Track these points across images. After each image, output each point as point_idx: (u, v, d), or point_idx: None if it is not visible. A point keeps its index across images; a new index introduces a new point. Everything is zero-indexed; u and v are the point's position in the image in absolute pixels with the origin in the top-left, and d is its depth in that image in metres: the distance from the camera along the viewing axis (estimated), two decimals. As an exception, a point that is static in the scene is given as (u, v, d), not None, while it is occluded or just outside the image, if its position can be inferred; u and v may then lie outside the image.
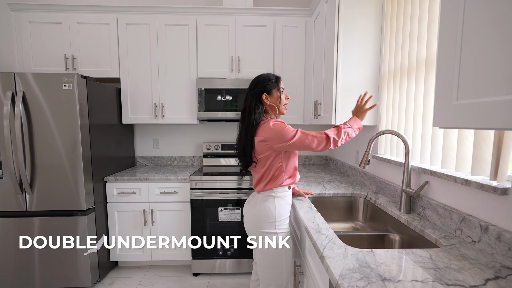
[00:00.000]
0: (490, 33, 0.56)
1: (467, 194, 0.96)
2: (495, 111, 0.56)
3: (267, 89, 1.27)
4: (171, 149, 2.70)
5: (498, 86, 0.56)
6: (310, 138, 1.19)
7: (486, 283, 0.70)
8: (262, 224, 1.25)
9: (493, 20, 0.56)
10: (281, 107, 1.32)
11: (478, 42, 0.59)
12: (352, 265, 0.78)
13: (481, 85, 0.60)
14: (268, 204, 1.25)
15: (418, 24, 1.25)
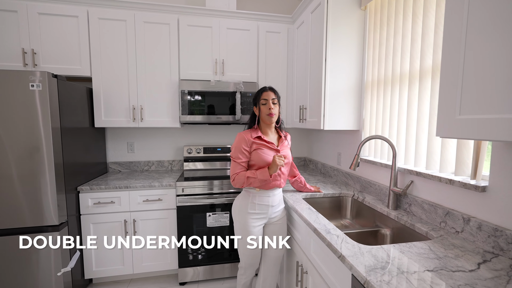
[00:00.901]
0: (489, 60, 0.68)
1: (450, 192, 1.12)
2: (495, 126, 0.68)
3: (255, 102, 1.48)
4: (148, 153, 2.55)
5: (499, 106, 0.68)
6: (232, 170, 1.45)
7: (479, 267, 0.84)
8: (233, 209, 1.54)
9: (492, 50, 0.68)
10: (262, 117, 1.45)
11: (480, 66, 0.71)
12: (371, 262, 0.86)
13: (482, 104, 0.72)
14: (238, 197, 1.54)
15: (401, 41, 1.41)
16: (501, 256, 0.90)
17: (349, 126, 1.82)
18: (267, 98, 1.43)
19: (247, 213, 1.45)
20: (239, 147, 1.41)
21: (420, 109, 1.29)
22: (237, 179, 1.40)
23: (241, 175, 1.39)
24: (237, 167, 1.41)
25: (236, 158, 1.41)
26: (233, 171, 1.42)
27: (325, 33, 1.71)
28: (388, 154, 1.54)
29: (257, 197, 1.45)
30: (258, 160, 1.40)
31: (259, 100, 1.45)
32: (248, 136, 1.42)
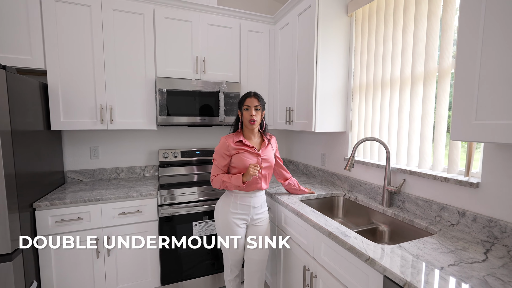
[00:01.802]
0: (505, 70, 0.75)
1: (445, 188, 1.24)
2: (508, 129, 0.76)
3: (240, 106, 1.50)
4: (116, 159, 2.26)
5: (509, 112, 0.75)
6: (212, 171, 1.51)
7: (487, 256, 0.93)
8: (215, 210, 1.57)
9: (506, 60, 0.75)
10: (244, 122, 1.48)
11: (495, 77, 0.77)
12: (399, 262, 0.89)
13: (496, 110, 0.79)
14: (221, 197, 1.58)
15: (391, 49, 1.50)
16: (497, 244, 1.02)
17: (337, 128, 1.88)
18: (249, 105, 1.45)
19: (230, 212, 1.48)
20: (220, 151, 1.46)
21: (412, 113, 1.40)
22: (215, 180, 1.48)
23: (218, 178, 1.46)
24: (216, 169, 1.49)
25: (215, 161, 1.49)
26: (212, 173, 1.50)
27: (316, 36, 1.73)
28: (379, 154, 1.63)
29: (239, 198, 1.49)
30: (238, 164, 1.44)
31: (242, 105, 1.48)
32: (229, 141, 1.45)
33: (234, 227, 1.48)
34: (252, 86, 2.32)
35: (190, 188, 1.89)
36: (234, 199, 1.49)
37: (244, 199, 1.48)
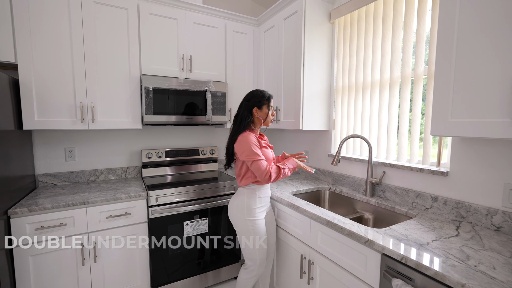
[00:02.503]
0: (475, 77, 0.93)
1: (420, 178, 1.43)
2: (476, 126, 0.93)
3: (259, 104, 1.49)
4: (95, 160, 2.13)
5: (481, 112, 0.93)
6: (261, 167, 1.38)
7: (459, 232, 1.12)
8: (237, 212, 1.51)
9: (477, 68, 0.93)
10: (267, 121, 1.53)
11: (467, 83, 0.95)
12: (394, 241, 1.03)
13: (467, 110, 0.97)
14: (241, 197, 1.51)
15: (371, 55, 1.68)
16: (463, 222, 1.22)
17: (321, 127, 2.02)
18: (272, 105, 1.54)
19: (256, 208, 1.48)
20: (253, 145, 1.40)
21: (390, 112, 1.58)
22: (272, 172, 1.39)
23: (274, 168, 1.41)
24: (263, 162, 1.39)
25: (257, 156, 1.39)
26: (262, 168, 1.37)
27: (303, 40, 1.85)
28: (361, 150, 1.80)
29: (262, 191, 1.51)
30: (265, 157, 1.46)
31: (267, 104, 1.51)
32: (253, 135, 1.45)
33: (262, 223, 1.50)
34: (237, 86, 2.37)
35: (180, 187, 1.87)
36: (258, 193, 1.49)
37: (266, 190, 1.53)
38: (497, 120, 0.90)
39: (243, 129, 1.47)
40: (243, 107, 1.50)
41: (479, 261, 0.88)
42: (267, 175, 1.37)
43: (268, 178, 1.38)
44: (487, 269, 0.83)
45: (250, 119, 1.49)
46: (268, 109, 1.51)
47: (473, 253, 0.93)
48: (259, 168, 1.37)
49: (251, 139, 1.41)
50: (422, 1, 1.38)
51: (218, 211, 2.00)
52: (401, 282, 0.91)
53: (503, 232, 1.11)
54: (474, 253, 0.93)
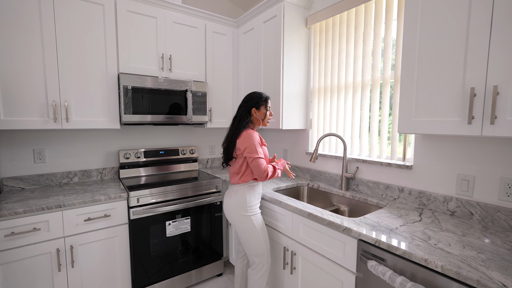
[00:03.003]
0: (434, 83, 1.07)
1: (389, 172, 1.59)
2: (434, 125, 1.08)
3: (257, 104, 1.55)
4: (67, 162, 2.03)
5: (439, 112, 1.08)
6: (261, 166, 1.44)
7: (421, 217, 1.27)
8: (237, 209, 1.52)
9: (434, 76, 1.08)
10: (265, 121, 1.60)
11: (427, 89, 1.10)
12: (368, 228, 1.14)
13: (427, 111, 1.11)
14: (241, 194, 1.52)
15: (345, 59, 1.81)
16: (425, 209, 1.39)
17: (299, 126, 2.13)
18: (270, 106, 1.61)
19: (255, 204, 1.55)
20: (256, 143, 1.47)
21: (362, 112, 1.73)
22: (269, 171, 1.47)
23: (270, 168, 1.49)
24: (263, 161, 1.46)
25: (259, 153, 1.45)
26: (262, 166, 1.44)
27: (282, 43, 1.94)
28: (336, 147, 1.94)
29: (259, 187, 1.59)
30: (264, 156, 1.52)
31: (264, 104, 1.57)
32: (255, 133, 1.52)
33: (261, 217, 1.57)
34: (218, 86, 2.40)
35: (161, 187, 1.85)
36: (256, 189, 1.56)
37: (259, 188, 1.60)
38: (451, 119, 1.05)
39: (243, 128, 1.52)
40: (242, 108, 1.55)
41: (438, 240, 1.02)
42: (265, 173, 1.44)
43: (266, 176, 1.45)
44: (444, 246, 0.97)
45: (249, 119, 1.54)
46: (266, 109, 1.57)
47: (433, 234, 1.08)
48: (258, 166, 1.43)
49: (254, 136, 1.47)
50: (389, 11, 1.53)
51: (201, 210, 2.02)
52: (375, 263, 1.02)
53: (456, 216, 1.29)
54: (434, 234, 1.08)
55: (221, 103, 2.45)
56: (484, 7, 0.95)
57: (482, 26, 0.96)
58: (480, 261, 0.87)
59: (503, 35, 0.91)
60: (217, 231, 2.13)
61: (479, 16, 0.97)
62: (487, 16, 0.95)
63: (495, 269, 0.82)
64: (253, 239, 1.51)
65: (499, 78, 0.92)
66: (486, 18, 0.95)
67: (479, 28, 0.97)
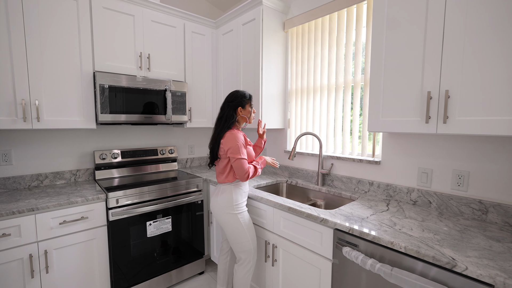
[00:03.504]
0: (397, 86, 1.21)
1: (360, 167, 1.72)
2: (399, 124, 1.22)
3: (242, 103, 1.58)
4: (37, 164, 1.93)
5: (402, 113, 1.22)
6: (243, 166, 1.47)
7: (388, 207, 1.41)
8: (224, 208, 1.55)
9: (397, 80, 1.22)
10: (250, 119, 1.63)
11: (391, 90, 1.23)
12: (343, 218, 1.25)
13: (392, 112, 1.25)
14: (227, 193, 1.56)
15: (320, 63, 1.93)
16: (392, 200, 1.54)
17: (278, 125, 2.22)
18: (253, 103, 1.64)
19: (242, 202, 1.58)
20: (241, 144, 1.49)
21: (336, 113, 1.85)
22: (250, 172, 1.49)
23: (252, 168, 1.52)
24: (246, 162, 1.49)
25: (242, 154, 1.48)
26: (244, 167, 1.47)
27: (261, 46, 2.01)
28: (313, 145, 2.05)
29: (245, 186, 1.62)
30: (249, 155, 1.58)
31: (249, 103, 1.61)
32: (240, 134, 1.56)
33: (248, 214, 1.60)
34: (197, 86, 2.41)
35: (141, 187, 1.83)
36: (243, 188, 1.59)
37: (247, 186, 1.64)
38: (412, 119, 1.19)
39: (228, 128, 1.54)
40: (227, 108, 1.56)
41: (402, 226, 1.15)
42: (246, 174, 1.47)
43: (246, 177, 1.48)
44: (407, 230, 1.10)
45: (235, 118, 1.56)
46: (250, 108, 1.61)
47: (398, 221, 1.21)
48: (241, 167, 1.46)
49: (239, 136, 1.50)
50: (359, 20, 1.67)
51: (182, 209, 2.03)
52: (349, 249, 1.13)
53: (418, 205, 1.45)
54: (398, 221, 1.21)
55: (200, 103, 2.46)
56: (437, 22, 1.10)
57: (436, 39, 1.11)
58: (435, 241, 1.01)
59: (452, 47, 1.06)
60: (198, 230, 2.15)
61: (433, 30, 1.11)
62: (439, 30, 1.09)
63: (447, 247, 0.96)
64: (240, 236, 1.54)
65: (450, 83, 1.07)
66: (439, 32, 1.10)
67: (433, 40, 1.11)
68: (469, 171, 1.28)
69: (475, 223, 1.20)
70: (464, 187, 1.30)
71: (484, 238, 1.04)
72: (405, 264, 0.98)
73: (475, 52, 1.01)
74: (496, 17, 0.96)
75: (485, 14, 0.99)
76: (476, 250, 0.94)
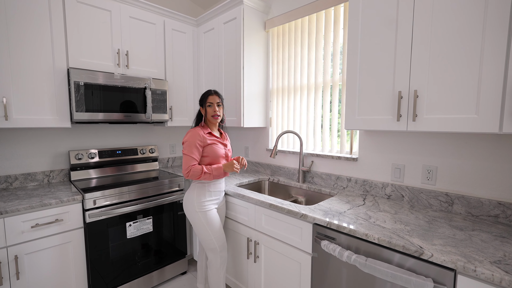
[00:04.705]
0: (370, 85, 1.27)
1: (339, 164, 1.79)
2: (373, 122, 1.29)
3: (201, 103, 1.63)
4: (6, 165, 1.82)
5: (376, 111, 1.28)
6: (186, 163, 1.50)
7: (365, 202, 1.48)
8: (187, 205, 1.60)
9: (371, 80, 1.28)
10: (208, 117, 1.61)
11: (366, 90, 1.29)
12: (321, 213, 1.30)
13: (367, 110, 1.31)
14: (191, 191, 1.61)
15: (300, 63, 1.97)
16: (368, 194, 1.61)
17: (260, 124, 2.24)
18: (212, 102, 1.59)
19: (205, 201, 1.58)
20: (194, 142, 1.52)
21: (316, 111, 1.91)
22: (192, 171, 1.50)
23: (197, 168, 1.50)
24: (191, 160, 1.51)
25: (190, 153, 1.51)
26: (187, 164, 1.51)
27: (242, 45, 2.02)
28: (294, 144, 2.09)
29: (212, 186, 1.61)
30: (211, 153, 1.56)
31: (205, 102, 1.60)
32: (201, 132, 1.54)
33: (214, 214, 1.59)
34: (178, 85, 2.38)
35: (120, 188, 1.79)
36: (207, 187, 1.59)
37: (216, 186, 1.63)
38: (385, 117, 1.26)
39: (194, 126, 1.64)
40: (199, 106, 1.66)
41: (376, 218, 1.22)
42: (185, 171, 1.50)
43: (186, 174, 1.50)
44: (381, 222, 1.16)
45: (201, 117, 1.64)
46: (207, 106, 1.59)
47: (373, 214, 1.27)
48: (184, 163, 1.51)
49: (195, 135, 1.53)
50: (337, 21, 1.73)
51: (163, 209, 2.00)
52: (327, 242, 1.17)
53: (392, 199, 1.53)
54: (373, 214, 1.27)
55: (182, 102, 2.43)
56: (407, 27, 1.16)
57: (405, 42, 1.17)
58: (406, 232, 1.07)
59: (420, 50, 1.13)
60: (180, 229, 2.13)
61: (403, 34, 1.18)
62: (408, 35, 1.16)
63: (416, 237, 1.02)
64: (203, 234, 1.56)
65: (418, 83, 1.14)
66: (408, 36, 1.16)
67: (403, 44, 1.18)
68: (437, 166, 1.37)
69: (442, 214, 1.28)
70: (433, 181, 1.39)
71: (449, 227, 1.12)
72: (379, 254, 1.04)
73: (440, 55, 1.09)
74: (458, 25, 1.04)
75: (448, 21, 1.06)
76: (441, 238, 1.01)
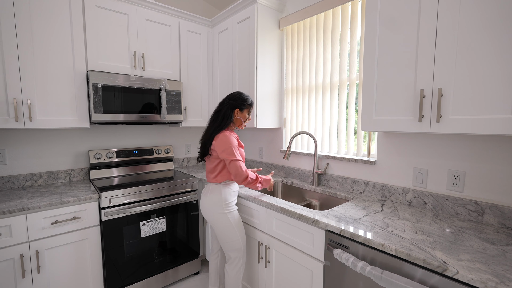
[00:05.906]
0: (391, 84, 1.18)
1: (355, 167, 1.70)
2: (392, 123, 1.19)
3: (242, 106, 1.57)
4: (32, 163, 1.92)
5: (394, 111, 1.19)
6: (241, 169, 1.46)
7: (383, 208, 1.39)
8: (213, 207, 1.55)
9: (391, 79, 1.19)
10: (243, 125, 1.63)
11: (384, 90, 1.20)
12: (335, 219, 1.23)
13: (385, 110, 1.22)
14: (217, 192, 1.55)
15: (315, 61, 1.90)
16: (387, 200, 1.51)
17: (273, 125, 2.19)
18: (252, 111, 1.66)
19: (231, 202, 1.57)
20: (236, 146, 1.49)
21: (331, 112, 1.83)
22: (250, 177, 1.48)
23: (252, 176, 1.50)
24: (243, 165, 1.48)
25: (237, 156, 1.47)
26: (243, 169, 1.46)
27: (256, 44, 1.99)
28: (308, 145, 2.02)
29: (234, 186, 1.62)
30: (241, 157, 1.54)
31: (248, 109, 1.60)
32: (234, 135, 1.56)
33: (238, 213, 1.60)
34: (193, 85, 2.40)
35: (135, 187, 1.82)
36: (232, 188, 1.58)
37: (235, 186, 1.63)
38: (405, 118, 1.17)
39: (223, 128, 1.54)
40: (227, 105, 1.55)
41: (394, 227, 1.13)
42: (242, 176, 1.46)
43: (245, 178, 1.46)
44: (399, 232, 1.08)
45: (232, 119, 1.56)
46: (248, 114, 1.60)
47: (391, 222, 1.18)
48: (238, 169, 1.45)
49: (232, 139, 1.48)
50: (354, 18, 1.64)
51: (176, 209, 2.01)
52: (340, 250, 1.11)
53: (413, 205, 1.42)
54: (392, 222, 1.19)
55: (196, 102, 2.44)
56: (430, 20, 1.07)
57: (429, 36, 1.08)
58: (428, 243, 0.98)
59: (445, 45, 1.03)
60: (193, 229, 2.13)
61: (426, 28, 1.08)
62: (432, 28, 1.06)
63: (439, 250, 0.93)
64: (231, 235, 1.54)
65: (443, 81, 1.04)
66: (432, 30, 1.07)
67: (426, 38, 1.08)
68: (465, 171, 1.25)
69: (471, 225, 1.17)
70: (460, 188, 1.27)
71: (478, 240, 1.01)
72: (396, 267, 0.96)
73: (468, 49, 0.98)
74: (488, 15, 0.93)
75: (477, 12, 0.96)
76: (469, 253, 0.91)
